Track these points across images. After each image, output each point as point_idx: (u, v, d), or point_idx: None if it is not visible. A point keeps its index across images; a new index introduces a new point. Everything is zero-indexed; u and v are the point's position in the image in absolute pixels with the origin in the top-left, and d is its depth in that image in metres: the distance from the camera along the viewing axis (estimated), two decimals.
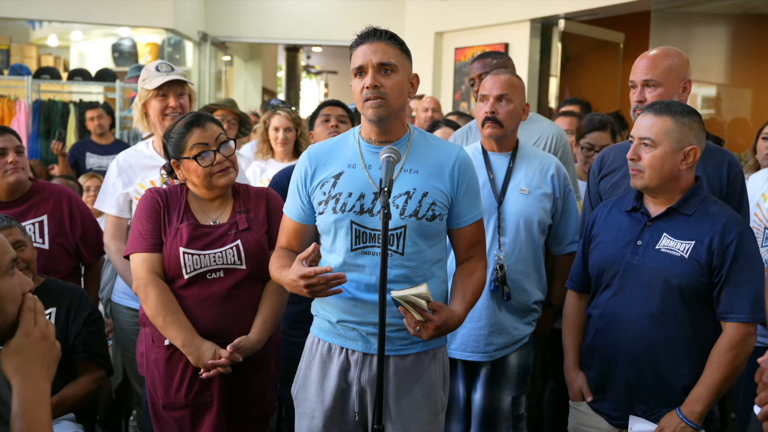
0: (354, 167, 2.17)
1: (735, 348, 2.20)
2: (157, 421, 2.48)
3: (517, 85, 2.86)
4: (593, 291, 2.47)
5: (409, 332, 2.06)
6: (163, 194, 2.50)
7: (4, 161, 3.01)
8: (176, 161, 2.49)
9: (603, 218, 2.48)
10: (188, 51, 10.33)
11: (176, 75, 2.94)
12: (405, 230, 2.12)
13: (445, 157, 2.19)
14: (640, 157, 2.29)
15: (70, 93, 8.22)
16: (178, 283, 2.42)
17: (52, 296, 2.79)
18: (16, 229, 2.75)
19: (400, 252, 2.13)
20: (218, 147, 2.45)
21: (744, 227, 2.26)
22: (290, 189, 2.28)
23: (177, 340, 2.35)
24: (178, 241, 2.40)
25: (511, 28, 7.88)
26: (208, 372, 2.34)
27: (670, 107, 2.29)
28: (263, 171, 4.14)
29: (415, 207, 2.12)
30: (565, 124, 4.09)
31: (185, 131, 2.45)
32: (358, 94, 2.13)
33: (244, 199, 2.55)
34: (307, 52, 16.57)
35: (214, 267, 2.41)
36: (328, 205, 2.16)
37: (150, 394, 2.50)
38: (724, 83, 7.71)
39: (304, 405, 2.26)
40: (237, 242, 2.44)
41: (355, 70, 2.13)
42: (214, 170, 2.44)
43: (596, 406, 2.44)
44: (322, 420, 2.21)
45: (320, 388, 2.22)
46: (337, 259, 2.16)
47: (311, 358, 2.26)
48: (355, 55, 2.14)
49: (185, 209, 2.48)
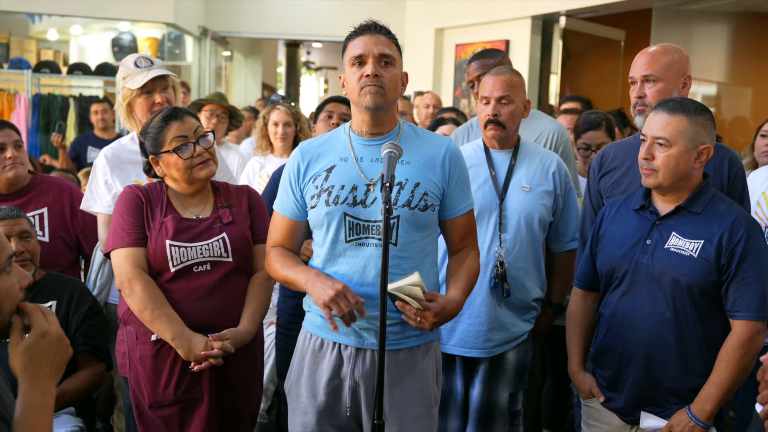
0: (346, 160, 2.19)
1: (744, 346, 2.19)
2: (142, 423, 2.42)
3: (518, 83, 2.86)
4: (603, 290, 2.47)
5: (410, 325, 2.08)
6: (144, 190, 2.47)
7: (3, 156, 3.01)
8: (155, 157, 2.46)
9: (611, 217, 2.47)
10: (188, 46, 10.31)
11: (158, 70, 2.85)
12: (398, 220, 2.14)
13: (435, 149, 2.21)
14: (654, 156, 2.27)
15: (69, 87, 8.22)
16: (164, 276, 2.38)
17: (53, 289, 2.80)
18: (24, 220, 2.76)
19: (393, 242, 2.14)
20: (197, 139, 2.43)
21: (752, 225, 2.25)
22: (282, 186, 2.28)
23: (166, 333, 2.31)
24: (164, 234, 2.37)
25: (511, 25, 7.88)
26: (200, 365, 2.31)
27: (683, 105, 2.26)
28: (262, 166, 4.13)
29: (407, 197, 2.14)
30: (567, 122, 4.08)
31: (163, 125, 2.43)
32: (354, 83, 2.14)
33: (225, 196, 2.54)
34: (307, 48, 16.55)
35: (201, 260, 2.39)
36: (320, 198, 2.17)
37: (134, 395, 2.43)
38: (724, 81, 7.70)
39: (297, 400, 2.26)
40: (223, 235, 2.43)
41: (353, 59, 2.14)
42: (194, 162, 2.42)
43: (608, 404, 2.44)
44: (315, 415, 2.21)
45: (312, 383, 2.22)
46: (330, 252, 2.17)
47: (303, 353, 2.26)
48: (354, 45, 2.15)
49: (167, 204, 2.46)
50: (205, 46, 10.10)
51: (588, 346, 2.56)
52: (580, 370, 2.53)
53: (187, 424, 2.39)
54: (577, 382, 2.53)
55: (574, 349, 2.57)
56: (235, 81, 12.34)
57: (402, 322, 2.14)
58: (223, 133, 4.68)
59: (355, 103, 2.19)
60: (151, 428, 2.41)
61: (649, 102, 2.57)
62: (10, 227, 2.68)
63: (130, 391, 2.46)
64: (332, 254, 2.17)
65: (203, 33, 9.94)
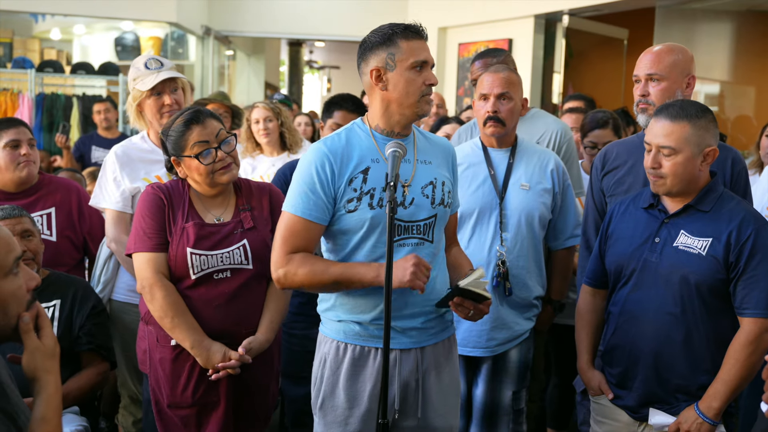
0: (377, 161, 2.12)
1: (752, 344, 2.19)
2: (161, 419, 2.45)
3: (516, 81, 2.86)
4: (611, 287, 2.47)
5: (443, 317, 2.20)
6: (165, 191, 2.45)
7: (18, 153, 3.01)
8: (176, 158, 2.45)
9: (620, 214, 2.47)
10: (191, 45, 10.32)
11: (168, 72, 2.87)
12: (435, 219, 2.16)
13: (443, 149, 2.28)
14: (661, 164, 2.26)
15: (73, 86, 8.23)
16: (184, 283, 2.38)
17: (57, 288, 2.80)
18: (26, 219, 2.76)
19: (430, 240, 2.16)
20: (219, 144, 2.41)
21: (761, 223, 2.24)
22: (302, 189, 2.10)
23: (185, 342, 2.32)
24: (185, 241, 2.37)
25: (515, 24, 7.88)
26: (218, 373, 2.32)
27: (684, 110, 2.25)
28: (254, 168, 4.08)
29: (441, 196, 2.17)
30: (571, 121, 4.08)
31: (185, 129, 2.40)
32: (416, 87, 2.07)
33: (247, 196, 2.53)
34: (310, 47, 16.54)
35: (221, 267, 2.39)
36: (362, 202, 2.08)
37: (154, 392, 2.47)
38: (728, 80, 7.70)
39: (333, 413, 2.19)
40: (243, 242, 2.42)
41: (417, 62, 2.07)
42: (216, 167, 2.40)
43: (617, 402, 2.44)
44: (359, 424, 2.16)
45: (354, 392, 2.16)
46: (369, 256, 2.11)
47: (337, 364, 2.17)
48: (410, 47, 2.06)
49: (189, 207, 2.44)
50: (207, 45, 10.11)
51: (597, 343, 2.56)
52: (589, 367, 2.53)
53: (204, 424, 2.41)
54: (586, 379, 2.53)
55: (584, 346, 2.57)
56: (237, 80, 12.35)
57: (438, 316, 2.19)
58: None
59: (402, 104, 2.10)
60: (169, 426, 2.45)
61: (653, 101, 2.57)
62: (12, 226, 2.68)
63: (150, 388, 2.49)
64: (372, 257, 2.11)
65: (206, 32, 9.95)
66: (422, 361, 2.18)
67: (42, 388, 1.40)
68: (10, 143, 3.01)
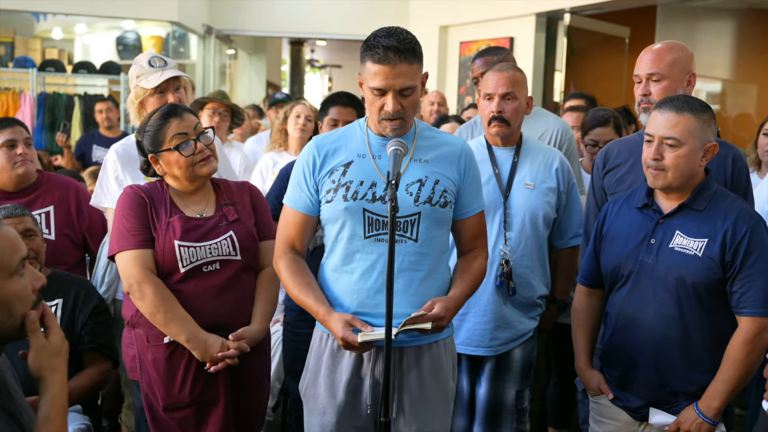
0: (363, 157, 2.19)
1: (750, 343, 2.19)
2: (156, 425, 2.39)
3: (520, 80, 2.85)
4: (608, 289, 2.47)
5: None
6: (146, 191, 2.43)
7: (14, 153, 3.03)
8: (154, 155, 2.43)
9: (614, 214, 2.46)
10: (192, 44, 10.31)
11: (172, 71, 2.89)
12: (419, 217, 2.15)
13: (451, 148, 2.24)
14: (663, 156, 2.25)
15: (74, 86, 8.23)
16: (174, 278, 2.35)
17: (59, 287, 2.81)
18: (28, 218, 2.77)
19: (414, 239, 2.15)
20: (198, 136, 2.42)
21: (756, 220, 2.24)
22: (294, 181, 2.25)
23: (181, 336, 2.29)
24: (172, 234, 2.35)
25: (516, 23, 7.87)
26: (216, 365, 2.30)
27: (689, 104, 2.25)
28: (276, 163, 4.08)
29: (428, 194, 2.15)
30: (572, 119, 4.08)
31: (163, 122, 2.40)
32: (375, 109, 2.12)
33: (227, 192, 2.53)
34: (312, 46, 16.54)
35: (210, 259, 2.38)
36: (337, 193, 2.16)
37: (147, 398, 2.40)
38: (729, 78, 7.69)
39: (314, 401, 2.25)
40: (230, 233, 2.42)
41: (373, 89, 2.10)
42: (196, 159, 2.40)
43: (617, 403, 2.44)
44: (335, 416, 2.20)
45: (331, 383, 2.21)
46: (347, 248, 2.17)
47: (320, 353, 2.24)
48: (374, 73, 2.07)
49: (171, 205, 2.43)
50: (209, 44, 10.11)
51: (594, 342, 2.56)
52: (588, 367, 2.53)
53: (203, 425, 2.37)
54: (585, 379, 2.53)
55: (581, 346, 2.56)
56: (239, 79, 12.35)
57: None
58: (225, 131, 4.68)
59: (375, 121, 2.17)
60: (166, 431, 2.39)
61: (654, 100, 2.57)
62: (14, 225, 2.68)
63: (141, 394, 2.44)
64: (349, 250, 2.16)
65: (207, 31, 9.95)
66: (400, 362, 2.17)
67: (47, 388, 1.40)
68: (7, 143, 3.03)
